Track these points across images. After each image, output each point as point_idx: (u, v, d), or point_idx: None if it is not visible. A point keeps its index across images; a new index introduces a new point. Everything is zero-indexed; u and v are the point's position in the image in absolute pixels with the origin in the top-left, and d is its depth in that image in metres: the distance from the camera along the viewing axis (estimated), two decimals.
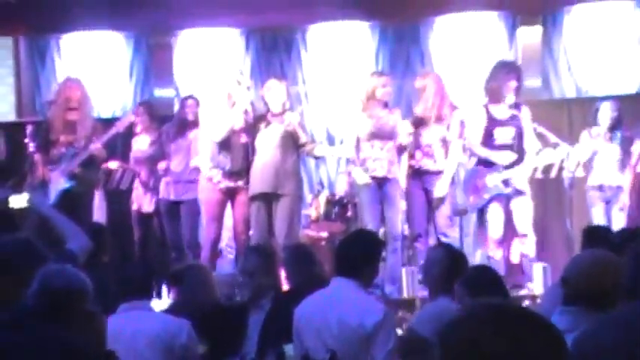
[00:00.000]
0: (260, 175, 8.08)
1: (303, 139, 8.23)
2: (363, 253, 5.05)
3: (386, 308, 4.98)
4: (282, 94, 8.24)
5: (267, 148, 8.11)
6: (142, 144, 9.15)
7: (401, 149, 8.24)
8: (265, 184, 8.05)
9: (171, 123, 9.08)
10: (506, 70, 8.43)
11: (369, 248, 5.16)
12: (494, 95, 8.29)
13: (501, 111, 8.24)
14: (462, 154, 8.43)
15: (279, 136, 8.10)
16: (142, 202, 9.14)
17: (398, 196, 8.28)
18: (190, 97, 9.21)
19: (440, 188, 8.29)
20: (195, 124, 8.83)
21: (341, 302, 4.80)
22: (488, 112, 8.28)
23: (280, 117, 8.15)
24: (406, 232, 8.60)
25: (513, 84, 8.23)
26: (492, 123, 8.25)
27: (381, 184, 8.19)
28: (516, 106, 8.22)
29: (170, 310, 5.53)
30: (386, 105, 8.24)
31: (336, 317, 4.76)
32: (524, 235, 8.26)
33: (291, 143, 8.16)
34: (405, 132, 8.21)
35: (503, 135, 8.24)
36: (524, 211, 8.24)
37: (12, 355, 3.28)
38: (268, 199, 8.09)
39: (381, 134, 8.13)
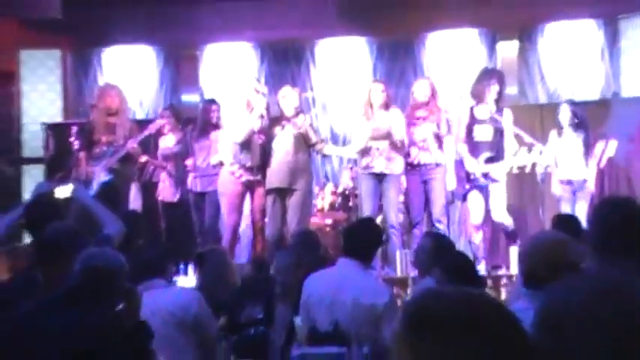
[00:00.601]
0: (276, 172, 8.11)
1: (313, 139, 8.25)
2: (367, 238, 5.09)
3: (391, 290, 5.01)
4: (295, 99, 8.26)
5: (282, 148, 8.13)
6: (168, 142, 9.16)
7: (396, 146, 8.21)
8: (280, 180, 8.08)
9: (196, 124, 9.09)
10: (489, 75, 8.46)
11: (373, 234, 5.20)
12: (477, 97, 8.30)
13: (483, 112, 8.24)
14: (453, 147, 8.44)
15: (292, 138, 8.12)
16: (167, 193, 9.14)
17: (394, 189, 8.27)
18: (213, 101, 9.21)
19: (450, 182, 8.33)
20: (216, 125, 8.85)
21: (354, 284, 4.83)
22: (471, 112, 8.29)
23: (293, 120, 8.17)
24: (400, 220, 8.58)
25: (495, 87, 8.24)
26: (473, 121, 8.25)
27: (380, 179, 8.20)
28: (499, 109, 8.22)
29: (196, 288, 5.52)
30: (385, 107, 8.24)
31: (351, 298, 4.78)
32: (503, 223, 8.27)
33: (303, 144, 8.19)
34: (401, 132, 8.19)
35: (482, 133, 8.24)
36: (498, 198, 8.23)
37: (56, 335, 3.30)
38: (283, 193, 8.12)
39: (377, 135, 8.13)
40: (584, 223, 7.35)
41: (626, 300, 2.56)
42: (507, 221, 8.29)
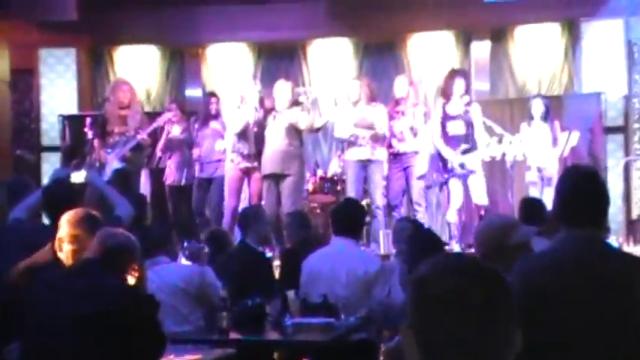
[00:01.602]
0: (269, 159, 8.09)
1: (302, 126, 8.20)
2: (354, 216, 5.11)
3: (381, 260, 5.06)
4: (288, 92, 8.25)
5: (274, 136, 8.12)
6: (175, 131, 9.11)
7: (378, 138, 8.23)
8: (274, 166, 8.07)
9: (198, 116, 9.07)
10: (453, 73, 8.49)
11: (358, 213, 5.23)
12: (446, 95, 8.33)
13: (454, 108, 8.24)
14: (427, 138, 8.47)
15: (283, 127, 8.11)
16: (172, 178, 9.10)
17: (379, 174, 8.29)
18: (212, 94, 9.21)
19: (419, 167, 8.35)
20: (216, 116, 8.85)
21: (348, 257, 4.87)
22: (443, 109, 8.31)
23: (287, 110, 8.16)
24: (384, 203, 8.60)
25: (460, 82, 8.24)
26: (446, 118, 8.26)
27: (365, 165, 8.22)
28: (468, 103, 8.23)
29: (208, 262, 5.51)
30: (369, 101, 8.25)
31: (346, 269, 4.81)
32: (482, 205, 8.31)
33: (294, 132, 8.17)
34: (383, 125, 8.23)
35: (455, 128, 8.25)
36: (478, 185, 8.26)
37: (82, 295, 3.33)
38: (276, 178, 8.11)
39: (362, 125, 8.17)
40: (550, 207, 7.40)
41: (570, 274, 2.52)
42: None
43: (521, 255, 2.86)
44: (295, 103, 8.31)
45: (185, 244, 7.45)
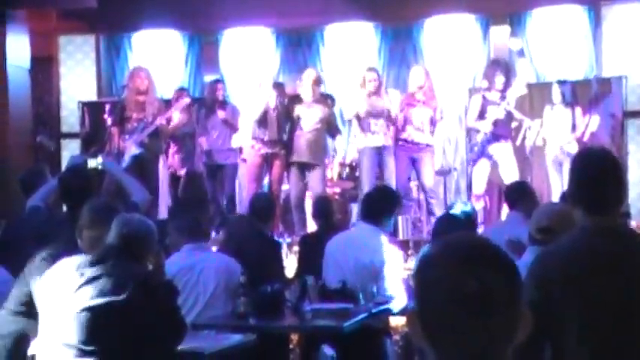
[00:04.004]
0: (301, 148, 8.11)
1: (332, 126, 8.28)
2: (379, 203, 5.07)
3: (395, 250, 4.99)
4: (311, 87, 8.20)
5: (309, 127, 8.14)
6: (176, 118, 9.01)
7: (391, 123, 8.23)
8: (304, 156, 8.09)
9: (203, 103, 9.02)
10: (494, 66, 8.71)
11: (385, 200, 5.17)
12: (488, 84, 8.48)
13: (493, 96, 8.41)
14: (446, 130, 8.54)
15: (318, 119, 8.15)
16: (178, 168, 9.06)
17: (393, 159, 8.27)
18: (218, 80, 9.19)
19: (437, 162, 8.47)
20: (223, 102, 8.81)
21: (358, 244, 4.84)
22: (483, 97, 8.42)
23: (315, 102, 8.12)
24: None
25: (500, 78, 8.34)
26: (486, 103, 8.39)
27: (380, 151, 8.20)
28: (504, 97, 8.38)
29: (221, 247, 5.51)
30: (378, 93, 8.23)
31: (354, 256, 4.80)
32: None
33: (326, 125, 8.16)
34: (396, 111, 8.21)
35: (495, 112, 8.33)
36: (508, 165, 8.28)
37: (100, 283, 3.33)
38: (304, 166, 8.15)
39: (375, 112, 8.12)
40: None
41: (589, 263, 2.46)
42: None
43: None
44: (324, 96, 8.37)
45: None
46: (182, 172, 9.06)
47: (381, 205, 5.07)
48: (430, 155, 8.41)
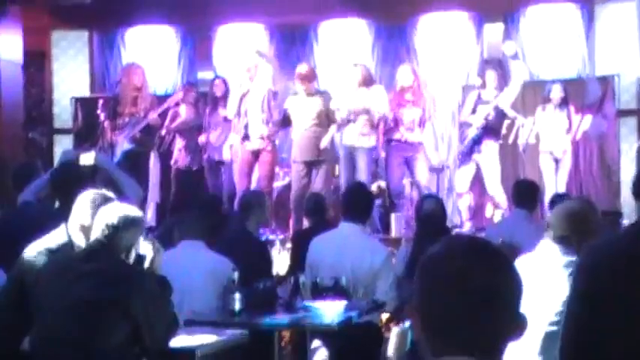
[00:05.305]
0: (302, 146, 8.03)
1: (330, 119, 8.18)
2: (361, 202, 5.06)
3: (387, 249, 5.02)
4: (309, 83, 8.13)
5: (306, 123, 8.05)
6: (182, 113, 9.03)
7: (372, 123, 8.16)
8: (307, 154, 8.01)
9: (207, 101, 9.03)
10: (485, 64, 9.06)
11: (365, 198, 5.18)
12: (482, 82, 8.60)
13: (487, 94, 8.47)
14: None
15: (315, 114, 8.05)
16: (184, 161, 9.03)
17: (362, 161, 8.13)
18: (216, 77, 9.18)
19: (432, 158, 8.48)
20: (223, 98, 8.80)
21: (354, 246, 4.84)
22: (479, 94, 8.51)
23: (310, 97, 8.05)
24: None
25: (491, 74, 8.52)
26: (479, 102, 8.46)
27: (351, 150, 8.15)
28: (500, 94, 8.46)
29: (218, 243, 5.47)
30: (364, 85, 8.15)
31: (351, 259, 4.79)
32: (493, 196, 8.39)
33: (324, 119, 8.09)
34: (380, 107, 8.14)
35: (485, 111, 8.39)
36: (491, 173, 8.33)
37: (92, 278, 3.31)
38: (310, 164, 8.06)
39: (358, 110, 8.07)
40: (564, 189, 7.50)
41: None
42: (499, 197, 8.30)
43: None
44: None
45: None
46: (190, 165, 8.99)
47: (362, 204, 5.09)
48: (422, 155, 8.42)
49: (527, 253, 3.56)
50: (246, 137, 8.14)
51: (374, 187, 8.29)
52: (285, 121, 8.30)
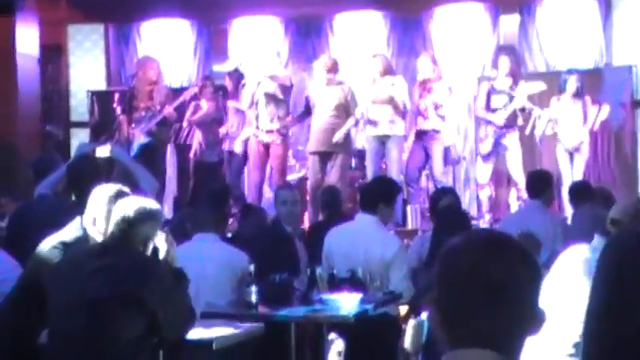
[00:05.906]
0: (318, 136, 7.99)
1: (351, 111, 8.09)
2: (379, 194, 5.03)
3: (400, 241, 5.00)
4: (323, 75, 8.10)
5: (325, 114, 8.01)
6: (204, 106, 9.04)
7: (398, 110, 8.11)
8: (322, 145, 7.97)
9: (224, 93, 9.04)
10: (498, 51, 8.82)
11: (385, 191, 5.14)
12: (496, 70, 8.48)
13: (501, 84, 8.36)
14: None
15: (334, 105, 8.01)
16: (204, 154, 9.03)
17: (396, 149, 8.13)
18: (229, 72, 9.18)
19: (458, 144, 8.49)
20: (235, 93, 8.79)
21: (367, 238, 4.83)
22: (492, 85, 8.43)
23: (330, 87, 8.00)
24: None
25: (504, 60, 8.34)
26: (492, 91, 8.38)
27: (383, 140, 8.11)
28: (515, 82, 8.36)
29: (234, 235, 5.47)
30: (386, 74, 8.11)
31: (364, 250, 4.79)
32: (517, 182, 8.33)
33: (343, 111, 8.03)
34: (402, 97, 8.10)
35: (498, 101, 8.33)
36: (515, 159, 8.27)
37: (108, 272, 3.30)
38: (324, 155, 8.02)
39: (379, 100, 8.03)
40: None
41: None
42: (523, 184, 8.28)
43: None
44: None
45: None
46: (212, 159, 8.99)
47: (377, 196, 5.04)
48: (439, 143, 8.34)
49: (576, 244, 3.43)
50: (257, 128, 8.15)
51: None
52: (307, 111, 8.26)
